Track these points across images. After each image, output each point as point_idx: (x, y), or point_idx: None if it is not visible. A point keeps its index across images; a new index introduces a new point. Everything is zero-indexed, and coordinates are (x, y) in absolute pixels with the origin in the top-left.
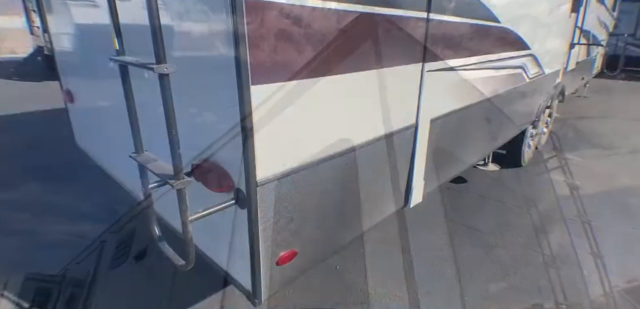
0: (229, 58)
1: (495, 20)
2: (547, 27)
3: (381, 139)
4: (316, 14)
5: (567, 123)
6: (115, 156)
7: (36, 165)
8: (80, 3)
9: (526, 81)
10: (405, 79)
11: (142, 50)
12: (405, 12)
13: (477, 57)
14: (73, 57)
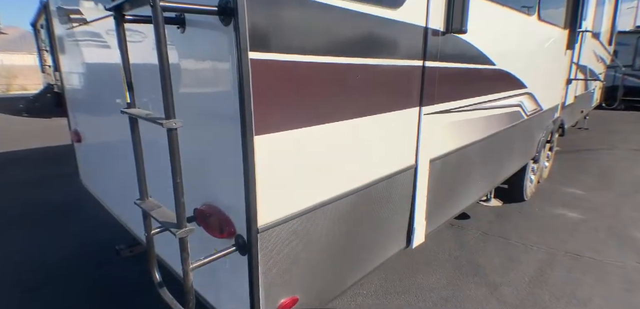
0: (235, 109)
1: (490, 63)
2: (542, 65)
3: (381, 180)
4: (317, 67)
5: (569, 156)
6: (120, 196)
7: (38, 201)
8: (92, 43)
9: (524, 117)
10: (403, 123)
11: (147, 88)
12: (402, 62)
13: (473, 98)
14: (82, 97)
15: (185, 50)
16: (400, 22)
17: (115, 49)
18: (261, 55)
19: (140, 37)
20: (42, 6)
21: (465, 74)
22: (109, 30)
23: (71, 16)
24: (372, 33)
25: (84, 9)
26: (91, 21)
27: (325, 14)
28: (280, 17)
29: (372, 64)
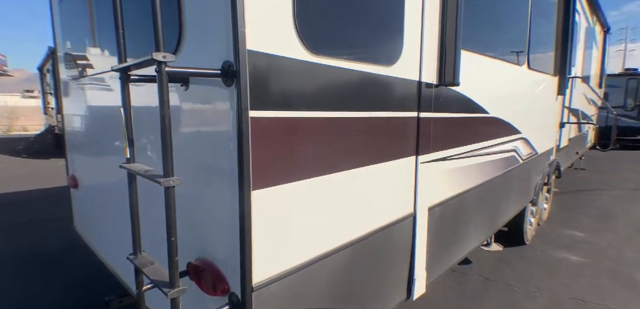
0: (233, 164)
1: (483, 112)
2: (535, 111)
3: (379, 231)
4: (314, 122)
5: (568, 197)
6: (112, 246)
7: (27, 248)
8: (96, 90)
9: (520, 162)
10: (400, 172)
11: (146, 129)
12: (398, 113)
13: (469, 145)
14: (82, 142)
15: (187, 106)
16: (395, 78)
17: (118, 96)
18: (260, 114)
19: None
20: (50, 52)
21: (459, 123)
22: (113, 77)
23: (78, 62)
24: (368, 88)
25: (91, 57)
26: (96, 74)
27: (323, 73)
28: (280, 78)
29: (369, 117)
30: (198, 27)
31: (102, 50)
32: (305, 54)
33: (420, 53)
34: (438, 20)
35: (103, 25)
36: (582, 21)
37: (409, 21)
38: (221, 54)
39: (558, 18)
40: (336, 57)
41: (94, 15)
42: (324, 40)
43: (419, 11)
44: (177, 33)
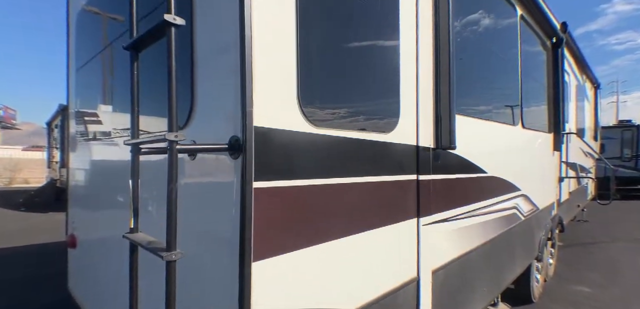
0: (234, 235)
1: (482, 171)
2: (533, 168)
3: (383, 297)
4: (316, 189)
5: (573, 250)
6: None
7: None
8: (104, 149)
9: (522, 218)
10: (402, 235)
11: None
12: (397, 177)
13: (469, 205)
14: (84, 202)
15: (192, 175)
16: (393, 143)
17: (124, 157)
18: (264, 184)
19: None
20: (60, 108)
21: (459, 184)
22: (122, 138)
23: (89, 122)
24: (367, 155)
25: (102, 116)
26: (106, 136)
27: (324, 143)
28: (283, 149)
29: (369, 182)
30: (208, 103)
31: (113, 113)
32: (308, 127)
33: (416, 119)
34: (432, 88)
35: (117, 93)
36: (572, 80)
37: (404, 90)
38: (229, 130)
39: (548, 79)
40: (336, 128)
41: (109, 83)
42: (325, 112)
43: (413, 81)
44: (188, 106)
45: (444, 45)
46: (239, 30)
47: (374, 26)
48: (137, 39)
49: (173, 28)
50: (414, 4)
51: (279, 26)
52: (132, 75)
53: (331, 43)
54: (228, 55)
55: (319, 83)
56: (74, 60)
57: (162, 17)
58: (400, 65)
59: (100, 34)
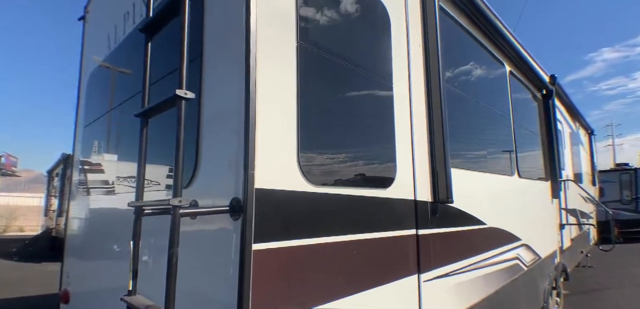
0: (232, 298)
1: (481, 223)
2: (532, 216)
3: None
4: (315, 248)
5: (580, 299)
6: None
7: None
8: (104, 202)
9: (525, 269)
10: (403, 292)
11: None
12: (397, 233)
13: (470, 258)
14: (81, 254)
15: (192, 234)
16: (392, 199)
17: (125, 213)
18: (263, 246)
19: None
20: (63, 157)
21: (458, 237)
22: (125, 193)
23: (90, 173)
24: (366, 212)
25: (105, 171)
26: (108, 193)
27: (323, 201)
28: (283, 210)
29: (369, 238)
30: (211, 164)
31: (117, 170)
32: (307, 186)
33: (413, 174)
34: (427, 144)
35: (122, 151)
36: (565, 128)
37: (400, 147)
38: (230, 190)
39: (541, 129)
40: (335, 186)
41: (115, 141)
42: (324, 172)
43: (408, 137)
44: (192, 166)
45: (436, 102)
46: (244, 98)
47: (370, 88)
48: (148, 108)
49: (183, 101)
50: (406, 67)
51: (280, 92)
52: (141, 140)
53: (329, 106)
54: (232, 119)
55: (318, 144)
56: (82, 116)
57: (173, 91)
58: (395, 123)
59: (109, 96)
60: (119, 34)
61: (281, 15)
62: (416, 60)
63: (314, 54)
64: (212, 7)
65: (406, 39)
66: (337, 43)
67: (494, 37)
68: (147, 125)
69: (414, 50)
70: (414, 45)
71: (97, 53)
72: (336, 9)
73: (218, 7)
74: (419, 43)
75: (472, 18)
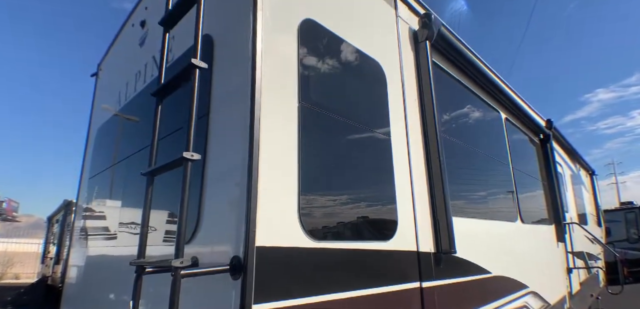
0: None
1: (486, 272)
2: (538, 262)
3: None
4: (315, 307)
5: None
6: None
7: None
8: (104, 252)
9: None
10: None
11: None
12: (400, 286)
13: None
14: (78, 304)
15: (190, 291)
16: (393, 251)
17: (125, 268)
18: (263, 307)
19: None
20: (64, 204)
21: (464, 288)
22: (127, 246)
23: (92, 223)
24: (369, 265)
25: (108, 217)
26: (109, 247)
27: (325, 257)
28: (285, 267)
29: (372, 294)
30: (213, 221)
31: (120, 223)
32: (309, 241)
33: (414, 225)
34: (427, 194)
35: (126, 205)
36: (566, 170)
37: (400, 198)
38: (231, 249)
39: (542, 172)
40: (337, 240)
41: (118, 194)
42: (325, 226)
43: (409, 188)
44: (194, 222)
45: (433, 153)
46: (247, 157)
47: (369, 142)
48: (155, 168)
49: (189, 163)
50: (403, 121)
51: (282, 150)
52: (146, 198)
53: (330, 161)
54: (234, 178)
55: (319, 198)
56: (88, 167)
57: (179, 151)
58: (394, 175)
59: (116, 150)
60: (129, 91)
61: (284, 78)
62: (413, 114)
63: (314, 113)
64: (219, 73)
65: (402, 94)
66: (337, 101)
67: (487, 87)
68: (152, 183)
69: (410, 105)
70: (410, 99)
71: (107, 109)
72: (335, 70)
73: (225, 72)
74: (415, 97)
75: (465, 71)
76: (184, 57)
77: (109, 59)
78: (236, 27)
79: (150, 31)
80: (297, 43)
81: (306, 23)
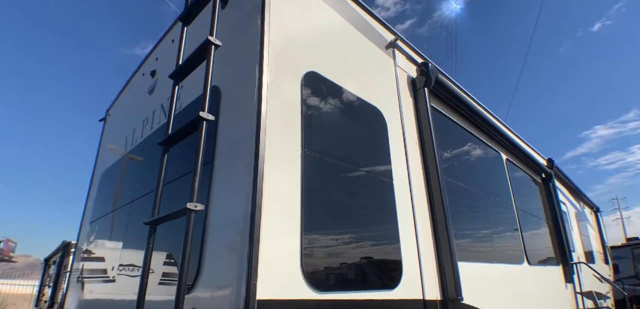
0: None
1: None
2: (547, 304)
3: None
4: None
5: None
6: None
7: None
8: (102, 290)
9: None
10: None
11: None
12: None
13: None
14: None
15: None
16: (399, 300)
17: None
18: None
19: None
20: (62, 245)
21: None
22: (126, 288)
23: (90, 266)
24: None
25: (107, 260)
26: (107, 291)
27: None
28: None
29: None
30: (214, 271)
31: (120, 264)
32: (311, 293)
33: (420, 272)
34: (431, 239)
35: (126, 247)
36: (570, 209)
37: (404, 244)
38: (232, 301)
39: (546, 212)
40: (340, 290)
41: (118, 239)
42: (328, 276)
43: (413, 234)
44: (195, 271)
45: (436, 196)
46: (250, 206)
47: (371, 188)
48: (158, 218)
49: (193, 213)
50: (405, 165)
51: (285, 199)
52: (148, 247)
53: (332, 208)
54: (237, 227)
55: (322, 248)
56: (90, 210)
57: (183, 202)
58: (398, 221)
59: (119, 195)
60: (136, 136)
61: (288, 126)
62: (414, 158)
63: (317, 160)
64: (225, 122)
65: (403, 139)
66: (339, 147)
67: (486, 129)
68: (154, 233)
69: (412, 149)
70: (411, 144)
71: (112, 154)
72: (337, 117)
73: (231, 121)
74: (416, 142)
75: (464, 114)
76: (192, 106)
77: (117, 105)
78: (244, 79)
79: (160, 80)
80: (300, 93)
81: (309, 74)
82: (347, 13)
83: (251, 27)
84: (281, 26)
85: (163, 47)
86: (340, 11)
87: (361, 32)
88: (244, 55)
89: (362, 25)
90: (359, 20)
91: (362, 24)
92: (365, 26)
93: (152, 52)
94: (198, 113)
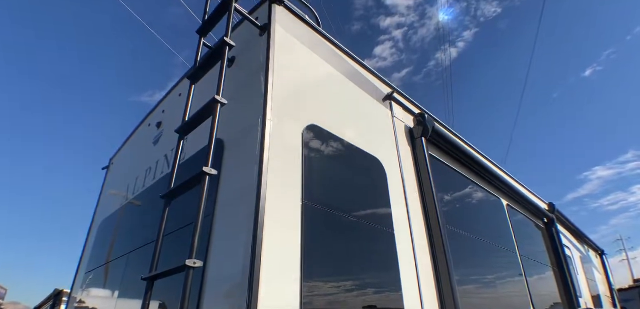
0: None
1: None
2: None
3: None
4: None
5: None
6: None
7: None
8: None
9: None
10: None
11: None
12: None
13: None
14: None
15: None
16: None
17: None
18: None
19: None
20: (54, 293)
21: None
22: None
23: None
24: None
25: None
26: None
27: None
28: None
29: None
30: (215, 302)
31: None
32: None
33: None
34: (434, 289)
35: (123, 294)
36: (574, 252)
37: (406, 293)
38: None
39: (550, 257)
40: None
41: (113, 291)
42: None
43: (415, 284)
44: (195, 301)
45: (438, 246)
46: (249, 261)
47: (372, 238)
48: (156, 274)
49: (191, 270)
50: (405, 215)
51: (285, 251)
52: (144, 304)
53: (333, 260)
54: (234, 281)
55: (322, 297)
56: (86, 260)
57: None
58: (400, 271)
59: (116, 246)
60: (138, 185)
61: (289, 179)
62: (414, 207)
63: (317, 210)
64: (227, 174)
65: (402, 188)
66: (340, 197)
67: (485, 175)
68: (152, 288)
69: (411, 197)
70: (411, 192)
71: (113, 202)
72: (337, 167)
73: (233, 174)
74: (415, 189)
75: (462, 161)
76: (195, 158)
77: (121, 154)
78: (247, 133)
79: (165, 131)
80: (301, 146)
81: (310, 127)
82: (345, 68)
83: (255, 84)
84: (283, 83)
85: (170, 100)
86: (339, 67)
87: (359, 86)
88: (247, 111)
89: (360, 80)
90: (357, 75)
91: (360, 78)
92: (363, 80)
93: (159, 104)
94: (201, 168)
